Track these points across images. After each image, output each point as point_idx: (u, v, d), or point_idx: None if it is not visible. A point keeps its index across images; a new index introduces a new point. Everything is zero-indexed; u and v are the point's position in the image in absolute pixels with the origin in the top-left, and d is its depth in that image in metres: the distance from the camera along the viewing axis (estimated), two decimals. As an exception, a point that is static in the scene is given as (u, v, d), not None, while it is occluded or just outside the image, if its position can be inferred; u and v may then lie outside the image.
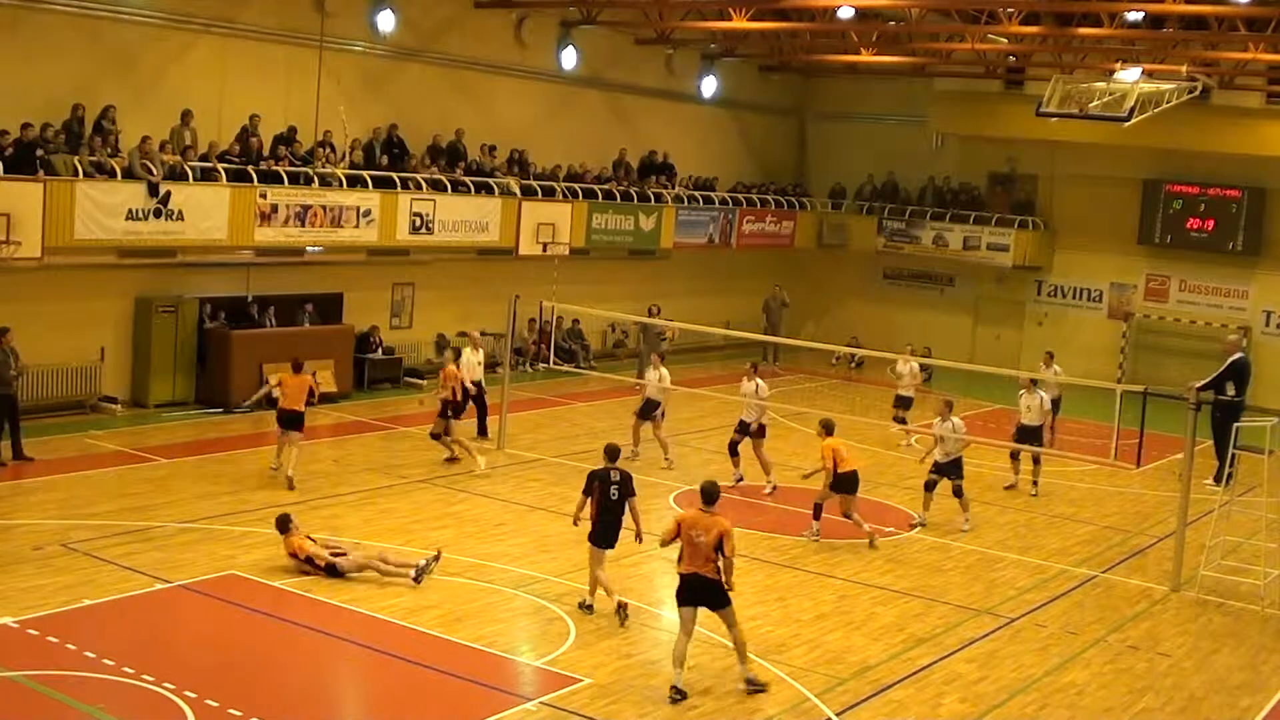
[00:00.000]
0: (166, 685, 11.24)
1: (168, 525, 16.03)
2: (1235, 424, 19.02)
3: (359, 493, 18.30)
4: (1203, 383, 20.65)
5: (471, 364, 21.70)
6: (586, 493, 13.96)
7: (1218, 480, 21.24)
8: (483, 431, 22.19)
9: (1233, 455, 19.31)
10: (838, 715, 11.87)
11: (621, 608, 13.78)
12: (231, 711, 10.84)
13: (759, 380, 20.61)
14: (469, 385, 21.43)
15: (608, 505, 13.85)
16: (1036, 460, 21.41)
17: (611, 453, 14.19)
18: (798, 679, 12.58)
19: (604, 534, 13.92)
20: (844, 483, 17.39)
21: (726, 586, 12.03)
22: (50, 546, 14.84)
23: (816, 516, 17.74)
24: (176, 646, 12.49)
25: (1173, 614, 15.72)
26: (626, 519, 13.97)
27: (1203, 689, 13.30)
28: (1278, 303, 32.69)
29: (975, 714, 12.21)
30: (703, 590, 12.02)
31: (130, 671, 11.49)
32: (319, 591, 14.08)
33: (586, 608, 14.06)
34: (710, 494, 12.32)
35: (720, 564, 11.94)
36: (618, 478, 13.91)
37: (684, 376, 27.70)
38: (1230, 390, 22.14)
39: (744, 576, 15.77)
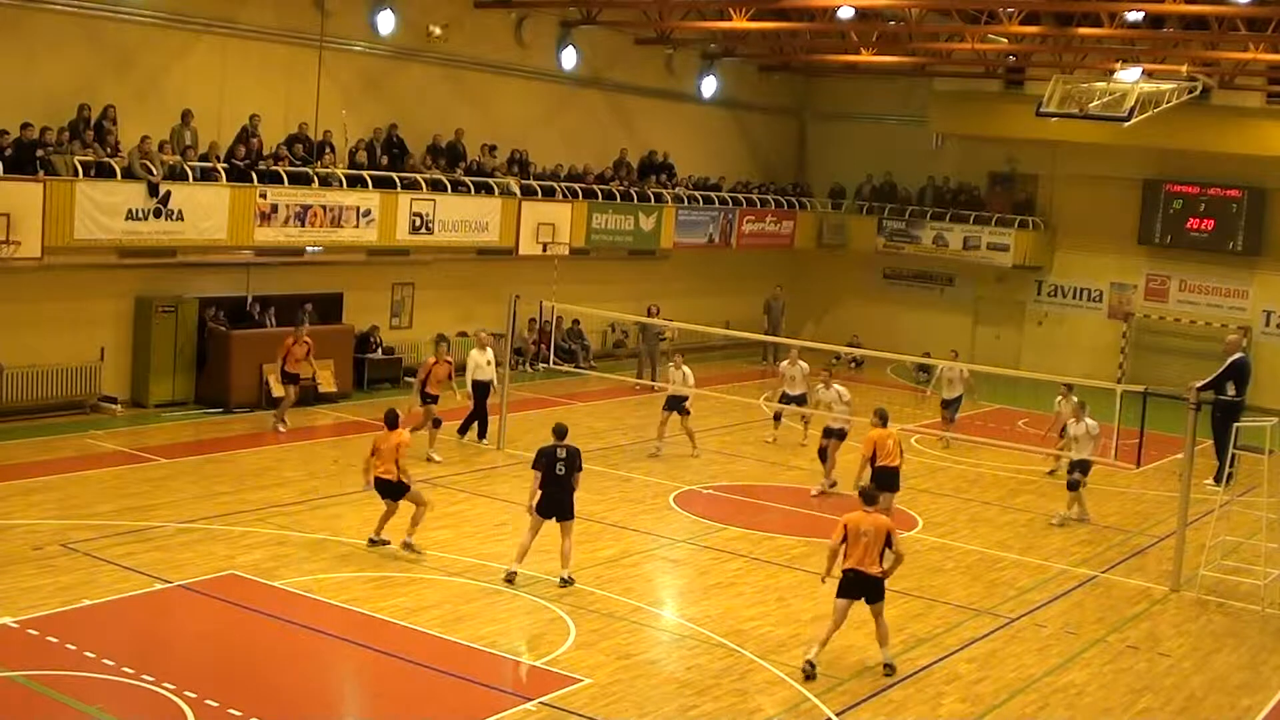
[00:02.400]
0: (166, 685, 11.23)
1: (167, 525, 16.03)
2: (1235, 424, 19.02)
3: (359, 492, 18.24)
4: (1203, 383, 20.65)
5: (480, 364, 21.55)
6: (536, 467, 14.85)
7: (1218, 480, 21.23)
8: (472, 432, 21.85)
9: (1233, 455, 19.31)
10: (838, 715, 11.87)
11: (511, 577, 14.77)
12: (231, 711, 10.84)
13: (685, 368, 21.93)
14: (468, 387, 21.50)
15: (554, 479, 14.73)
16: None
17: (559, 431, 15.05)
18: (798, 679, 12.58)
19: (546, 505, 14.80)
20: (880, 478, 17.06)
21: (886, 576, 12.90)
22: (50, 546, 14.84)
23: None
24: (176, 646, 12.50)
25: (1173, 614, 15.71)
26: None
27: (1203, 689, 13.30)
28: (1278, 303, 32.69)
29: (975, 714, 12.21)
30: (864, 585, 12.82)
31: (130, 671, 11.49)
32: (319, 591, 14.09)
33: (567, 582, 14.74)
34: (870, 496, 13.18)
35: (885, 560, 12.80)
36: (564, 454, 14.78)
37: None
38: (1230, 390, 22.14)
39: (744, 576, 15.82)
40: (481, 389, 21.57)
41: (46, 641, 12.10)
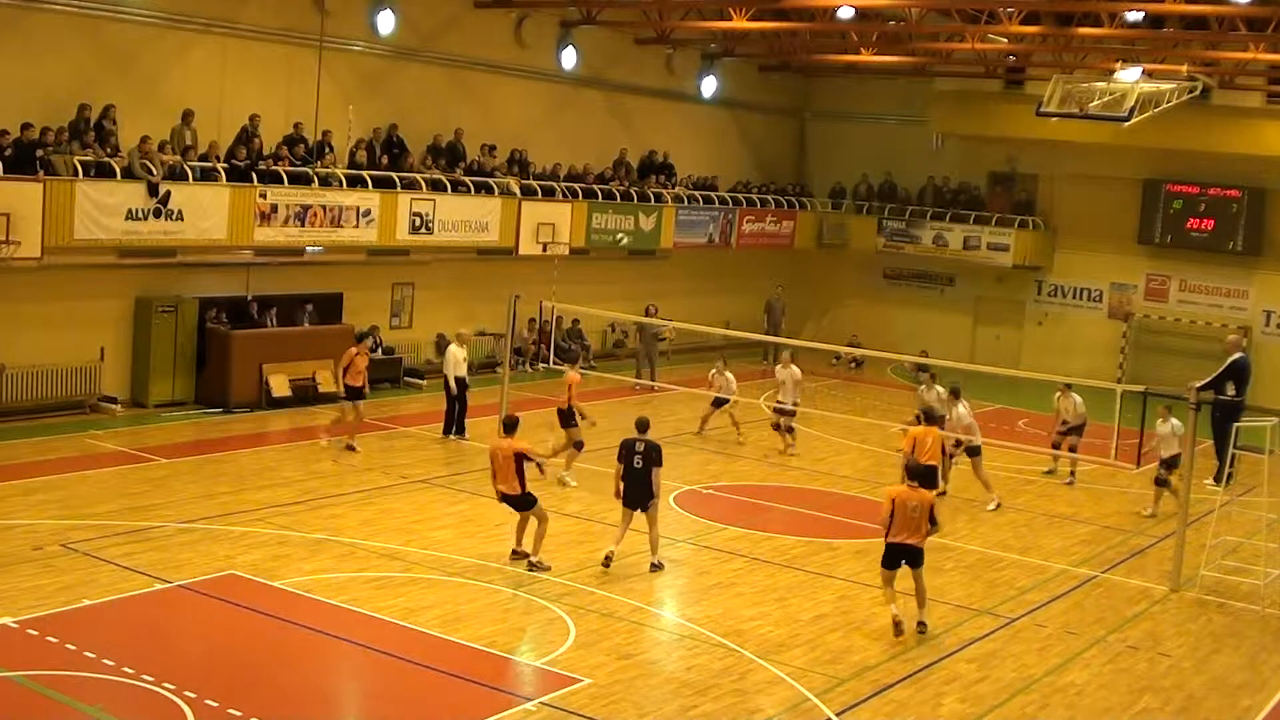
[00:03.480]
0: (166, 685, 11.23)
1: (168, 525, 16.03)
2: (1235, 424, 19.02)
3: (360, 493, 18.30)
4: (1203, 383, 20.66)
5: (458, 360, 21.67)
6: (619, 460, 15.59)
7: (1218, 480, 21.24)
8: (460, 430, 21.89)
9: (1233, 455, 19.32)
10: (838, 715, 11.87)
11: (607, 559, 15.48)
12: (231, 711, 10.84)
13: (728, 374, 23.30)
14: (451, 383, 21.64)
15: (632, 472, 15.44)
16: (1073, 449, 22.09)
17: (641, 425, 15.78)
18: (798, 679, 12.58)
19: (627, 496, 15.54)
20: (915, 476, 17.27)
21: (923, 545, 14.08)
22: (50, 546, 14.84)
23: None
24: (176, 646, 12.49)
25: (1173, 614, 15.71)
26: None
27: (1203, 689, 13.30)
28: (1278, 303, 32.69)
29: (975, 714, 12.20)
30: (907, 554, 13.96)
31: (130, 671, 11.49)
32: (319, 591, 14.08)
33: (656, 566, 15.64)
34: (916, 471, 14.39)
35: (926, 531, 13.97)
36: (642, 448, 15.42)
37: (684, 376, 27.72)
38: (1230, 390, 22.14)
39: (744, 576, 15.83)
40: (460, 385, 21.69)
41: (46, 641, 12.10)
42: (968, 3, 25.39)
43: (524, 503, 15.26)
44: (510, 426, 15.53)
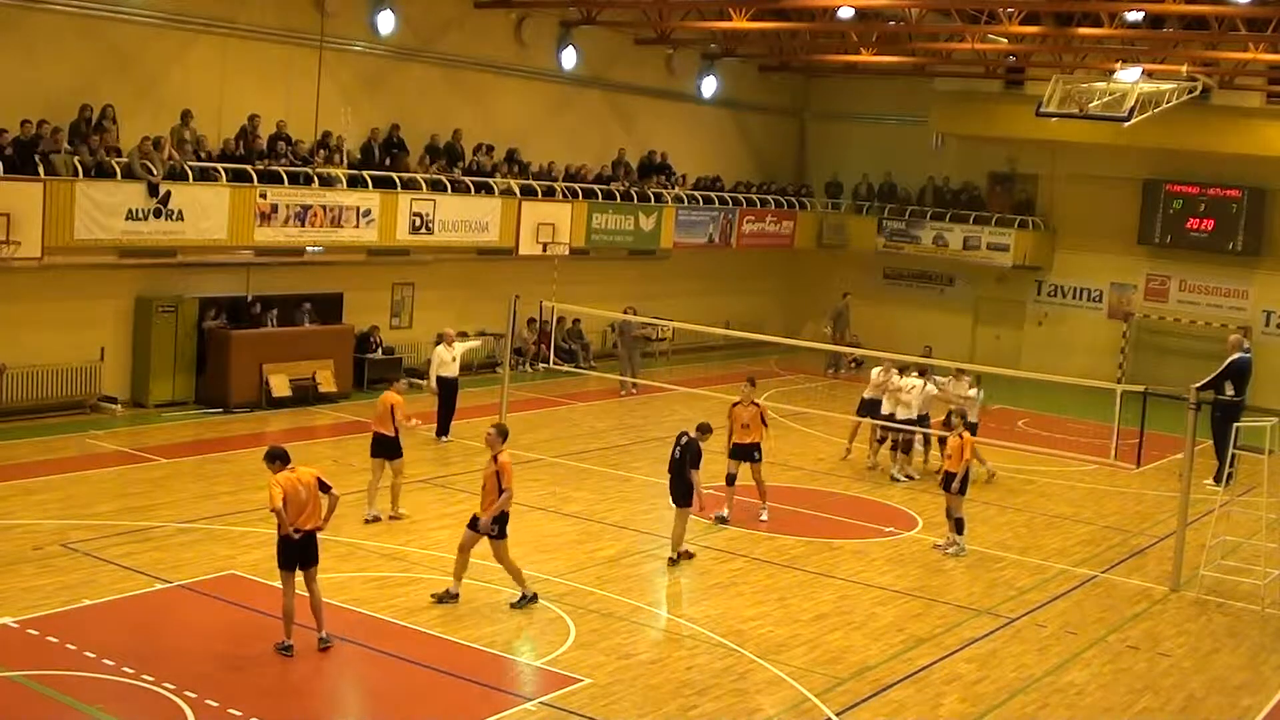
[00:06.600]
0: (166, 685, 11.24)
1: (168, 525, 16.04)
2: (1235, 424, 19.00)
3: (359, 493, 18.25)
4: (1202, 383, 20.65)
5: (445, 361, 21.67)
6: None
7: (1218, 480, 21.24)
8: (444, 431, 21.83)
9: (1233, 455, 19.30)
10: (838, 715, 11.87)
11: (686, 555, 16.03)
12: (231, 711, 10.85)
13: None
14: (432, 383, 21.82)
15: (671, 465, 16.00)
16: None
17: (703, 428, 16.13)
18: (798, 679, 12.58)
19: (671, 492, 16.02)
20: (965, 483, 17.53)
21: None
22: (50, 546, 14.84)
23: (960, 530, 17.59)
24: (176, 646, 12.48)
25: (1173, 614, 15.72)
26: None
27: (1203, 689, 13.30)
28: (1278, 303, 32.70)
29: (975, 714, 12.20)
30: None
31: (130, 671, 11.50)
32: (319, 591, 14.08)
33: (673, 561, 15.97)
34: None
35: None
36: (684, 441, 15.84)
37: (684, 376, 27.72)
38: (1230, 390, 22.12)
39: (744, 576, 15.82)
40: (447, 385, 21.69)
41: (46, 641, 12.10)
42: (968, 3, 25.40)
43: (314, 555, 12.41)
44: (278, 458, 12.34)
